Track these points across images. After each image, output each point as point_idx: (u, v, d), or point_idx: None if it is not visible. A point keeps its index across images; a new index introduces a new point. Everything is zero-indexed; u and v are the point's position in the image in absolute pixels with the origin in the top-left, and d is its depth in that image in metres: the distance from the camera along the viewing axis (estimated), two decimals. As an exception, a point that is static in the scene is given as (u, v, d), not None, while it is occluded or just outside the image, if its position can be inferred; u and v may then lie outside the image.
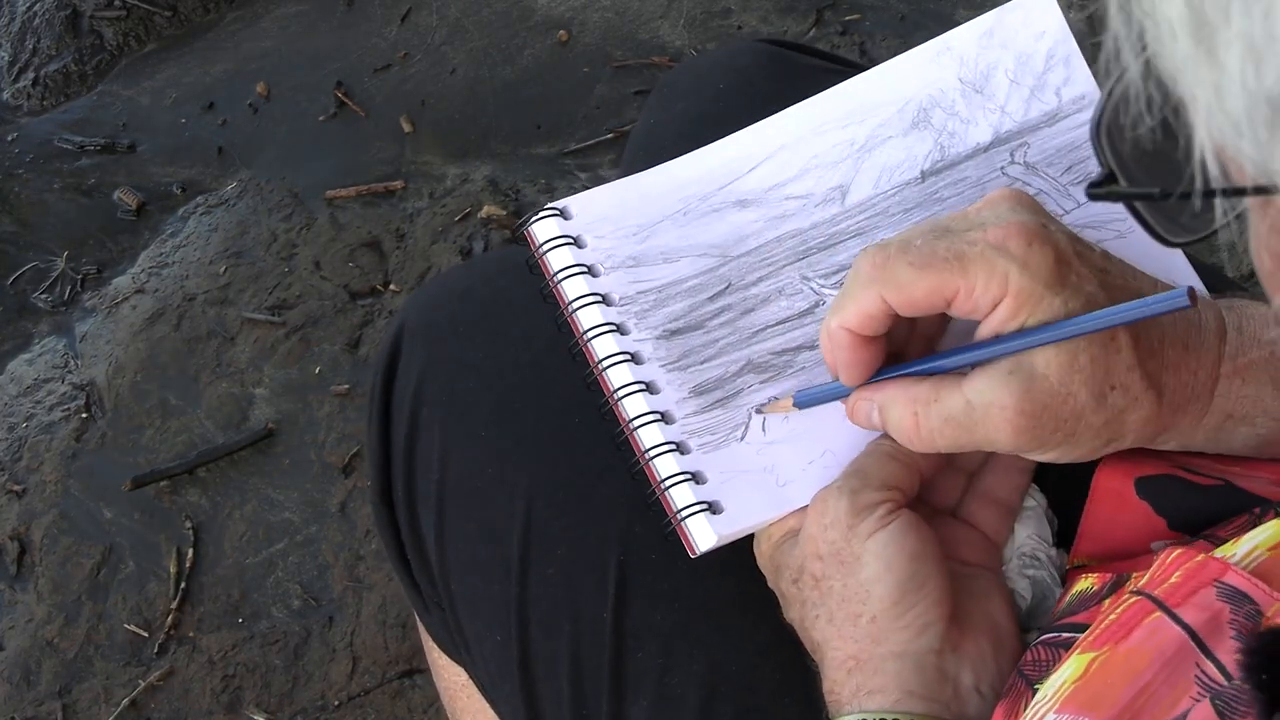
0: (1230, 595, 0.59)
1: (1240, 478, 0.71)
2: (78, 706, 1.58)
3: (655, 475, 0.75)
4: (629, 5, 2.06)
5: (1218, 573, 0.60)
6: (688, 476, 0.74)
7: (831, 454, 0.75)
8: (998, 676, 0.69)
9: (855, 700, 0.68)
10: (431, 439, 0.87)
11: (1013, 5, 0.82)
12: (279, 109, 2.05)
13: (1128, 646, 0.59)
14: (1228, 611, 0.58)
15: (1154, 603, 0.60)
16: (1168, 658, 0.58)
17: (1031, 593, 0.74)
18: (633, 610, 0.80)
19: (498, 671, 0.84)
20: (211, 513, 1.69)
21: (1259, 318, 0.69)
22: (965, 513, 0.76)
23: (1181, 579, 0.60)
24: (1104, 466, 0.72)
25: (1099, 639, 0.60)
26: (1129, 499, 0.72)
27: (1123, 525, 0.72)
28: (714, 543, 0.73)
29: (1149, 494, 0.71)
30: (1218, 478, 0.71)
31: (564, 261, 0.79)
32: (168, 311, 1.85)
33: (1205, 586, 0.60)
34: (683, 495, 0.74)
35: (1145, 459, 0.71)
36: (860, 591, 0.69)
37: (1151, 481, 0.72)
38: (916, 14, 1.98)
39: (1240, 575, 0.59)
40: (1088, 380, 0.65)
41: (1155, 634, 0.59)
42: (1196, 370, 0.68)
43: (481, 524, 0.84)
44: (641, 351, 0.77)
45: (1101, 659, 0.60)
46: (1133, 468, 0.71)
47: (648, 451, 0.75)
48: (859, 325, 0.68)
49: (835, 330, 0.69)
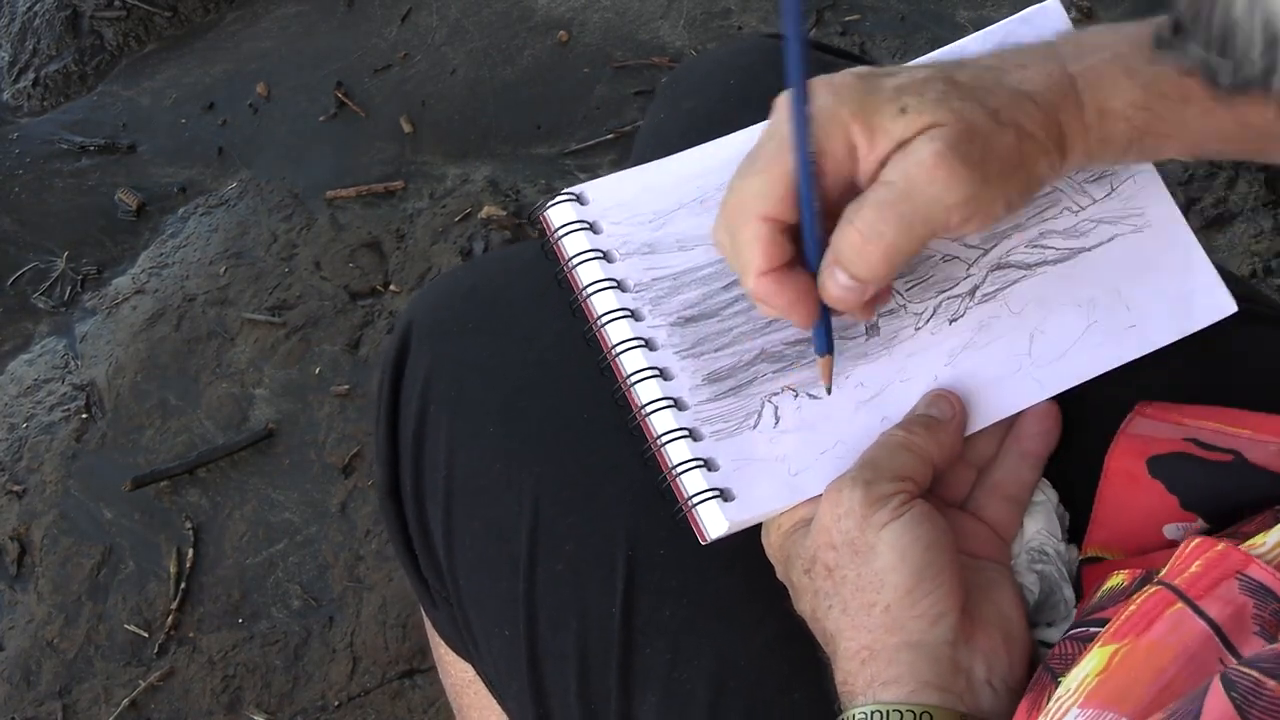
0: (1254, 590, 0.59)
1: (1250, 446, 0.71)
2: (78, 707, 1.58)
3: (666, 461, 0.75)
4: (629, 5, 2.06)
5: (1240, 564, 0.60)
6: (699, 463, 0.74)
7: (844, 444, 0.75)
8: (1009, 670, 0.69)
9: (870, 691, 0.68)
10: (439, 436, 0.86)
11: (1023, 16, 0.82)
12: (279, 109, 2.05)
13: (1150, 639, 0.59)
14: (1251, 606, 0.58)
15: (1175, 593, 0.60)
16: (1192, 653, 0.58)
17: (1039, 587, 0.74)
18: (641, 606, 0.80)
19: (505, 668, 0.84)
20: (211, 513, 1.69)
21: (1088, 36, 0.73)
22: (974, 507, 0.76)
23: (1202, 569, 0.60)
24: (1116, 448, 0.72)
25: (1120, 630, 0.60)
26: (1141, 479, 0.72)
27: (1136, 507, 0.72)
28: (724, 530, 0.73)
29: (1161, 473, 0.72)
30: (1228, 450, 0.71)
31: (579, 246, 0.79)
32: (168, 312, 1.85)
33: (1228, 578, 0.59)
34: (694, 481, 0.74)
35: (1156, 437, 0.72)
36: (875, 581, 0.69)
37: (1163, 460, 0.72)
38: (916, 14, 1.98)
39: (1265, 570, 0.59)
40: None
41: (1178, 628, 0.59)
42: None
43: (489, 521, 0.84)
44: (655, 338, 0.77)
45: (1124, 651, 0.59)
46: (1144, 447, 0.72)
47: (660, 437, 0.75)
48: (766, 259, 0.69)
49: (757, 286, 0.70)
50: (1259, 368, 0.83)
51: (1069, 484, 0.77)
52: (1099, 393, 0.78)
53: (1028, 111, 0.69)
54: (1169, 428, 0.74)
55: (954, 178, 0.67)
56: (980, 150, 0.67)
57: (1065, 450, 0.78)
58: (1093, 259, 0.79)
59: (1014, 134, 0.69)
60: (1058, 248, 0.79)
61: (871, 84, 0.69)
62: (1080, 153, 0.72)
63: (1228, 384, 0.80)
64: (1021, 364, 0.77)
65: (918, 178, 0.67)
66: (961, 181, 0.67)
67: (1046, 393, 0.77)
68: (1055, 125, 0.70)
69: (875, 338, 0.78)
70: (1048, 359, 0.77)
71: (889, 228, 0.68)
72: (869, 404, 0.77)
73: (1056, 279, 0.79)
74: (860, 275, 0.69)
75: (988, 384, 0.77)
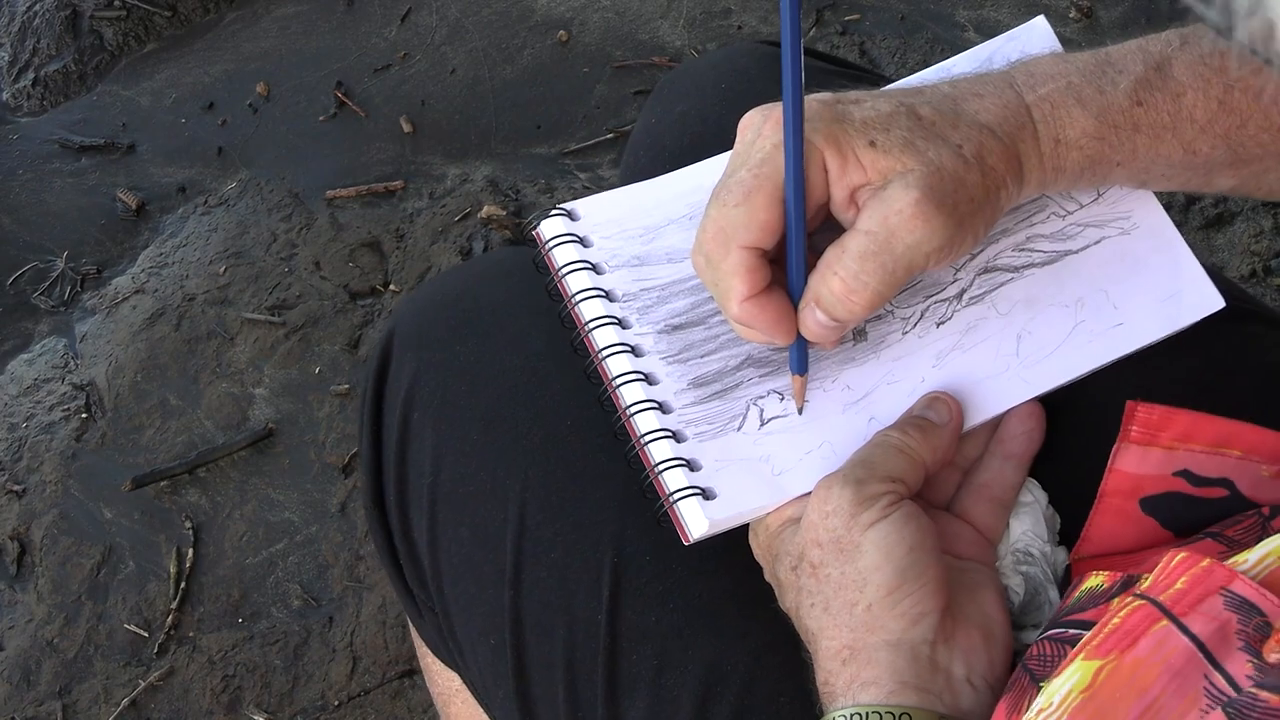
0: (1238, 605, 0.59)
1: (1241, 471, 0.71)
2: (78, 706, 1.58)
3: (649, 459, 0.75)
4: (629, 5, 2.06)
5: (1224, 580, 0.60)
6: (681, 462, 0.75)
7: (829, 445, 0.76)
8: (989, 669, 0.70)
9: (850, 692, 0.68)
10: (423, 443, 0.87)
11: (1011, 35, 0.83)
12: (279, 109, 2.05)
13: (1135, 656, 0.59)
14: (1235, 622, 0.58)
15: (1160, 610, 0.60)
16: (1176, 670, 0.58)
17: (1024, 589, 0.74)
18: (627, 613, 0.80)
19: (492, 676, 0.84)
20: (211, 513, 1.69)
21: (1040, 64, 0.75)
22: (959, 508, 0.76)
23: (1187, 585, 0.60)
24: (1106, 485, 0.73)
25: (1103, 645, 0.60)
26: (1133, 514, 0.73)
27: (1128, 536, 0.72)
28: (706, 528, 0.74)
29: (1154, 512, 0.72)
30: (1220, 481, 0.71)
31: (569, 257, 0.80)
32: (168, 311, 1.85)
33: (1212, 594, 0.59)
34: (675, 479, 0.74)
35: (1146, 475, 0.72)
36: (857, 579, 0.69)
37: (1156, 500, 0.73)
38: (916, 14, 1.98)
39: (1248, 585, 0.59)
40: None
41: (1163, 645, 0.59)
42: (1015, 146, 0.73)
43: (474, 528, 0.84)
44: (642, 345, 0.78)
45: (1109, 668, 0.59)
46: (1135, 487, 0.72)
47: (643, 437, 0.76)
48: (749, 286, 0.71)
49: (740, 311, 0.72)
50: (1251, 365, 0.83)
51: (1061, 486, 0.77)
52: (1091, 396, 0.78)
53: (989, 146, 0.71)
54: (1158, 457, 0.74)
55: (930, 226, 0.69)
56: (952, 193, 0.69)
57: (1057, 453, 0.78)
58: (1080, 261, 0.79)
59: (978, 171, 0.70)
60: (1045, 251, 0.79)
61: (839, 111, 0.71)
62: (1035, 182, 0.74)
63: (1219, 384, 0.80)
64: (1009, 364, 0.77)
65: (898, 228, 0.69)
66: (938, 229, 0.69)
67: (1034, 391, 0.77)
68: (1014, 157, 0.72)
69: (863, 342, 0.78)
70: (1035, 359, 0.77)
71: (872, 278, 0.70)
72: (856, 405, 0.77)
73: (1044, 281, 0.79)
74: (841, 319, 0.72)
75: (975, 385, 0.77)
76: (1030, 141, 0.72)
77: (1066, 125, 0.72)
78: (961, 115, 0.71)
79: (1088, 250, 0.79)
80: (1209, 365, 0.81)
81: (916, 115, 0.71)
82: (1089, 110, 0.72)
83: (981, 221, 0.71)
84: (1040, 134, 0.72)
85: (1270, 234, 1.71)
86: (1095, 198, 0.80)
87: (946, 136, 0.70)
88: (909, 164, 0.69)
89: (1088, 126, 0.72)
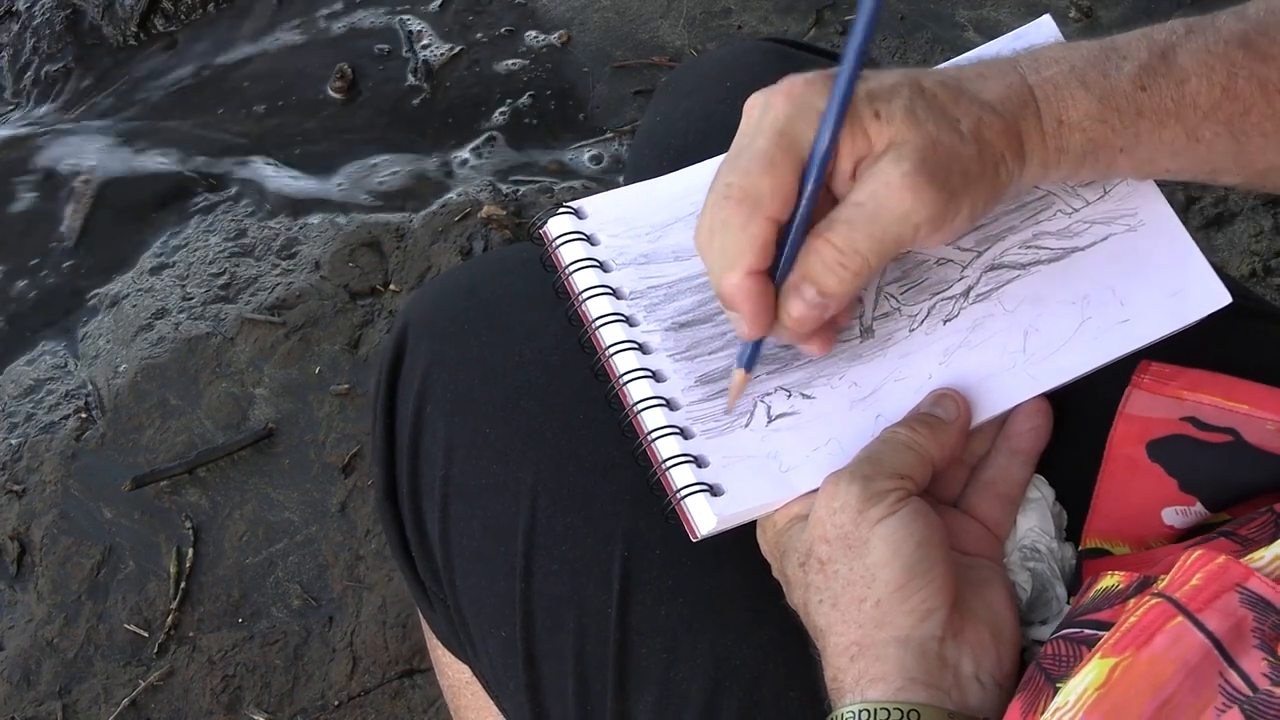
0: (1254, 602, 0.59)
1: (1247, 423, 0.72)
2: (78, 706, 1.58)
3: (656, 456, 0.75)
4: (629, 5, 2.06)
5: (1240, 577, 0.60)
6: (689, 459, 0.75)
7: (837, 442, 0.76)
8: (997, 665, 0.70)
9: (858, 689, 0.68)
10: (436, 435, 0.87)
11: (1017, 33, 0.83)
12: (279, 107, 2.05)
13: (1150, 653, 0.59)
14: (1251, 619, 0.58)
15: (1176, 607, 0.60)
16: (1191, 667, 0.58)
17: (1032, 585, 0.74)
18: (637, 606, 0.80)
19: (502, 668, 0.84)
20: (211, 513, 1.69)
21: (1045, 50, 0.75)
22: (967, 504, 0.76)
23: (1203, 581, 0.60)
24: (1116, 432, 0.73)
25: (1120, 643, 0.60)
26: (1141, 463, 0.73)
27: (1136, 491, 0.72)
28: (714, 525, 0.74)
29: (1160, 456, 0.73)
30: (1226, 429, 0.72)
31: (576, 255, 0.80)
32: (168, 312, 1.85)
33: (1227, 591, 0.60)
34: (683, 476, 0.74)
35: (1154, 418, 0.72)
36: (866, 575, 0.69)
37: (1162, 443, 0.73)
38: (916, 14, 1.98)
39: (1264, 582, 0.59)
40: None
41: (1178, 641, 0.59)
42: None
43: (486, 521, 0.84)
44: (649, 342, 0.78)
45: (1124, 665, 0.59)
46: (1143, 430, 0.72)
47: (650, 434, 0.76)
48: (761, 260, 0.70)
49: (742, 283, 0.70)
50: (1257, 363, 0.83)
51: (1066, 482, 0.78)
52: (1097, 393, 0.78)
53: (988, 121, 0.71)
54: (1167, 403, 0.74)
55: (920, 198, 0.68)
56: (945, 166, 0.69)
57: (1064, 449, 0.78)
58: (1086, 258, 0.79)
59: (975, 146, 0.70)
60: (1051, 248, 0.79)
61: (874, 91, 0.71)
62: (1038, 162, 0.73)
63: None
64: (1016, 361, 0.78)
65: (886, 199, 0.69)
66: (927, 201, 0.69)
67: (1041, 388, 0.77)
68: (1015, 134, 0.72)
69: (870, 340, 0.78)
70: (1042, 355, 0.78)
71: (863, 245, 0.69)
72: (863, 402, 0.77)
73: (1050, 277, 0.79)
74: (830, 290, 0.70)
75: (982, 381, 0.77)
76: (1032, 120, 0.72)
77: (1069, 106, 0.72)
78: (964, 92, 0.71)
79: (1094, 247, 0.79)
80: (1216, 361, 0.81)
81: (920, 87, 0.71)
82: (1092, 93, 0.72)
83: (977, 197, 0.71)
84: (1043, 113, 0.73)
85: (1270, 233, 1.71)
86: (1101, 195, 0.80)
87: (946, 110, 0.70)
88: (906, 135, 0.69)
89: (1090, 108, 0.72)
